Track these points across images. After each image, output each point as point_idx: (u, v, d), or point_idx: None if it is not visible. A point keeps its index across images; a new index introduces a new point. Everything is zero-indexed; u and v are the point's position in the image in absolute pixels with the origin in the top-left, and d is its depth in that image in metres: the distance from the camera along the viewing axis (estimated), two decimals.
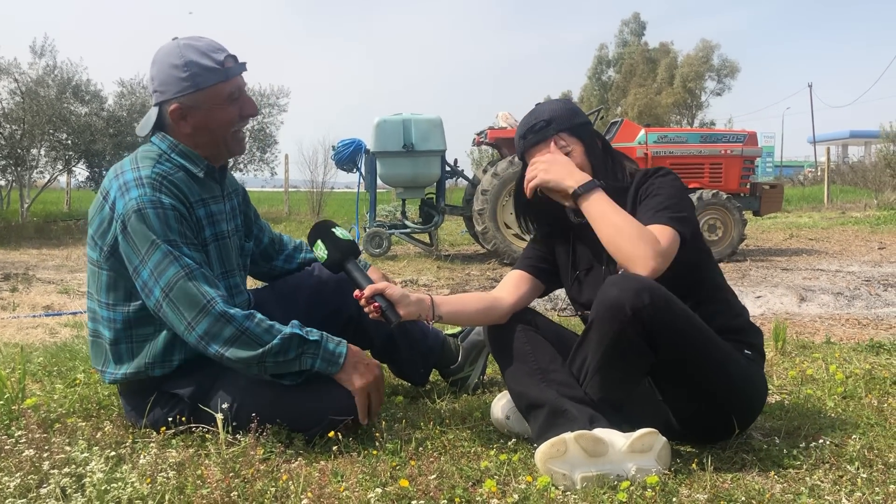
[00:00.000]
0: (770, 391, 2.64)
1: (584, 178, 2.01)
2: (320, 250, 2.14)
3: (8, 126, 13.59)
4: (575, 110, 2.16)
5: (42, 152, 14.32)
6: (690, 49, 54.27)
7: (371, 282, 2.05)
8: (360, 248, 8.03)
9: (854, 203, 17.56)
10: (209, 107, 2.07)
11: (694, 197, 7.75)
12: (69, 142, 14.08)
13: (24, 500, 1.59)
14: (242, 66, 2.14)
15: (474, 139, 8.63)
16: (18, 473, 1.69)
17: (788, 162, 52.19)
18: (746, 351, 2.04)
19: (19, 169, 13.79)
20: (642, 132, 8.28)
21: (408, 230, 8.10)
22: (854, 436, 2.08)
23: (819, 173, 30.73)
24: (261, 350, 1.91)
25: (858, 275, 6.59)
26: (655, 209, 1.98)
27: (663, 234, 1.91)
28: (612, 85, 58.49)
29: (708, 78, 52.90)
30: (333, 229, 2.17)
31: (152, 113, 2.12)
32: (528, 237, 2.38)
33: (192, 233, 2.04)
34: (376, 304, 1.98)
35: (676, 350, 1.86)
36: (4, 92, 13.72)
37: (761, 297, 5.59)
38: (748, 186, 8.40)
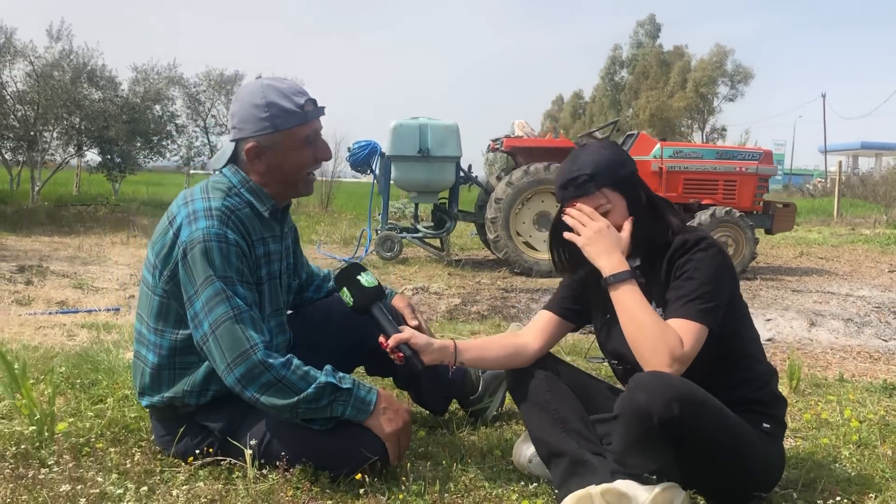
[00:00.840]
0: (787, 435, 2.67)
1: (620, 265, 1.96)
2: (346, 296, 2.19)
3: (21, 108, 13.65)
4: (620, 161, 2.06)
5: (55, 135, 14.40)
6: (704, 53, 54.12)
7: (396, 328, 2.11)
8: (372, 249, 8.06)
9: (864, 218, 17.53)
10: (285, 148, 2.10)
11: (707, 214, 7.75)
12: (82, 126, 14.14)
13: None
14: (321, 111, 2.15)
15: (489, 145, 8.64)
16: None
17: (798, 170, 52.07)
18: (765, 424, 2.01)
19: (31, 151, 13.85)
20: (658, 146, 8.28)
21: (419, 234, 8.12)
22: (870, 493, 2.11)
23: (829, 184, 30.67)
24: (295, 398, 1.94)
25: (868, 300, 6.60)
26: (687, 298, 1.91)
27: (688, 332, 1.87)
28: (624, 86, 58.40)
29: (721, 83, 52.80)
30: (359, 276, 2.20)
31: (227, 147, 2.15)
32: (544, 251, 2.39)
33: (250, 271, 2.06)
34: (400, 353, 2.05)
35: (700, 448, 1.86)
36: (20, 74, 13.80)
37: (771, 321, 5.61)
38: (761, 205, 8.40)
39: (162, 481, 1.95)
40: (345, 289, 2.20)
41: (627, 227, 2.02)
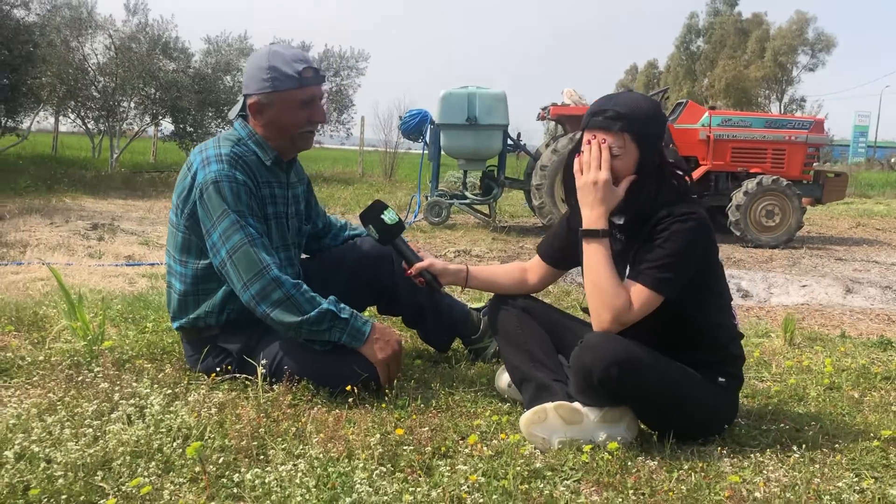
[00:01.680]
0: (763, 378, 2.87)
1: (598, 222, 2.08)
2: (372, 232, 2.53)
3: (102, 79, 14.40)
4: (654, 118, 2.12)
5: (132, 105, 15.13)
6: (784, 21, 52.23)
7: (418, 257, 2.48)
8: (421, 216, 8.38)
9: None
10: (281, 108, 2.43)
11: (753, 182, 7.78)
12: (157, 96, 14.83)
13: (98, 423, 1.99)
14: (320, 78, 2.48)
15: (539, 114, 8.81)
16: (95, 401, 2.10)
17: (883, 143, 50.00)
18: (720, 378, 2.16)
19: (111, 120, 14.63)
20: (706, 115, 8.30)
21: (467, 201, 8.39)
22: (816, 423, 2.31)
23: None
24: (300, 318, 2.27)
25: None
26: (649, 264, 2.05)
27: (639, 296, 2.04)
28: (700, 55, 56.93)
29: (801, 52, 50.95)
30: (383, 215, 2.51)
31: (240, 101, 2.51)
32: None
33: (258, 207, 2.40)
34: (422, 278, 2.44)
35: (641, 403, 2.09)
36: (100, 46, 14.55)
37: (806, 287, 5.65)
38: (811, 174, 8.36)
39: (187, 390, 2.31)
40: (371, 226, 2.53)
41: (624, 184, 2.11)
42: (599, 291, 2.06)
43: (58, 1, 14.68)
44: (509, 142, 8.31)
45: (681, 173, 2.20)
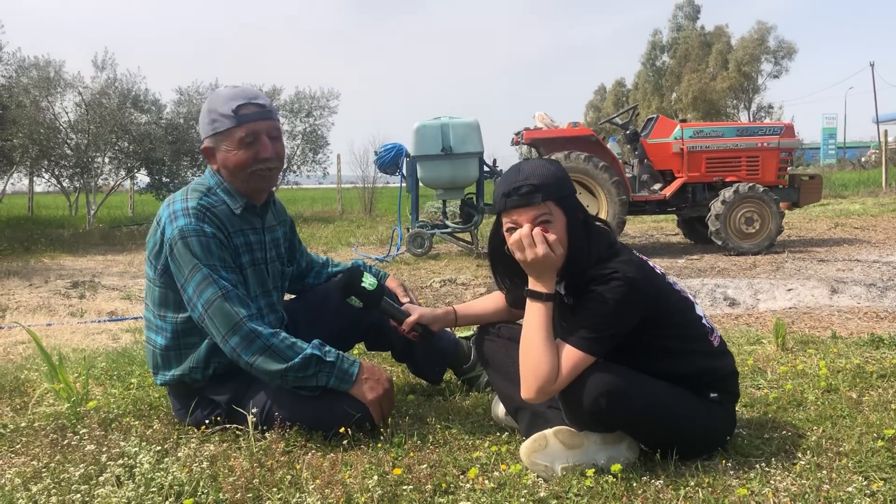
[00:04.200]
0: (760, 385, 2.84)
1: (548, 287, 2.05)
2: (356, 302, 2.50)
3: (74, 136, 14.35)
4: (564, 178, 2.09)
5: (106, 160, 15.07)
6: (746, 31, 53.16)
7: (404, 313, 2.49)
8: (404, 248, 8.35)
9: None
10: (225, 149, 2.38)
11: (730, 191, 7.83)
12: (131, 149, 14.78)
13: (86, 487, 1.92)
14: (266, 113, 2.39)
15: (513, 139, 8.85)
16: (82, 465, 2.04)
17: (853, 143, 50.71)
18: (713, 394, 2.12)
19: (86, 176, 14.54)
20: (678, 128, 8.37)
21: (449, 230, 8.37)
22: (818, 427, 2.29)
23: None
24: (285, 365, 2.22)
25: (895, 265, 6.62)
26: (578, 325, 2.02)
27: (568, 359, 2.00)
28: (666, 71, 57.69)
29: (764, 60, 51.77)
30: (362, 283, 2.48)
31: None
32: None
33: (231, 258, 2.36)
34: (415, 332, 2.48)
35: (634, 428, 2.06)
36: (70, 104, 14.52)
37: (792, 290, 5.66)
38: (786, 178, 8.43)
39: (177, 445, 2.25)
40: (353, 297, 2.50)
41: (561, 249, 2.04)
42: (530, 357, 2.03)
43: (25, 62, 14.67)
44: (486, 168, 8.33)
45: (599, 223, 2.17)
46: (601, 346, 2.01)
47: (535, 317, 2.06)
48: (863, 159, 33.75)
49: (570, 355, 2.00)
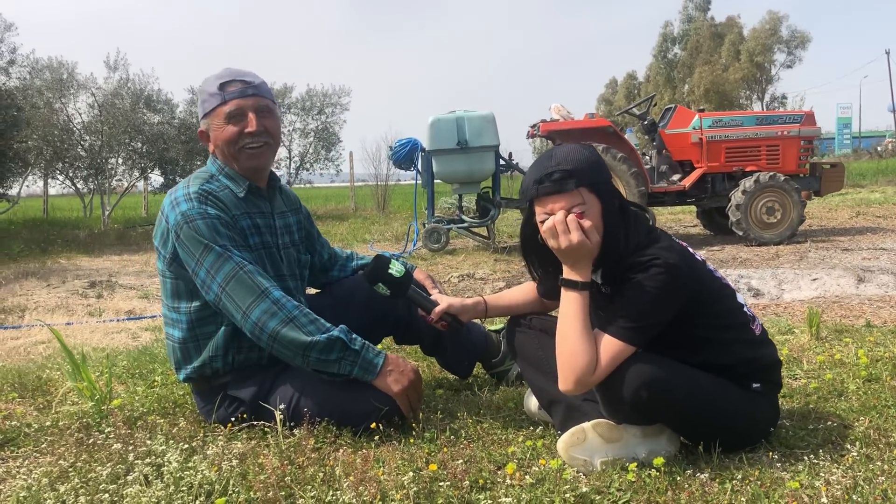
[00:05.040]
0: (797, 376, 2.77)
1: (584, 275, 1.98)
2: (383, 290, 2.46)
3: (88, 138, 14.38)
4: (599, 163, 2.01)
5: (120, 161, 15.10)
6: (757, 22, 52.72)
7: (432, 302, 2.44)
8: (420, 244, 8.29)
9: None
10: (215, 127, 2.38)
11: (751, 180, 7.72)
12: (144, 150, 14.80)
13: (114, 486, 1.87)
14: (248, 90, 2.36)
15: (528, 131, 8.77)
16: (109, 464, 1.99)
17: (868, 132, 50.25)
18: (755, 385, 2.06)
19: (100, 178, 14.57)
20: (697, 117, 8.27)
21: (465, 224, 8.31)
22: (864, 417, 2.21)
23: None
24: (309, 339, 2.15)
25: None
26: (618, 314, 1.95)
27: (607, 348, 1.92)
28: (678, 62, 57.35)
29: (777, 50, 51.37)
30: (390, 269, 2.45)
31: None
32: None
33: (240, 238, 2.31)
34: (444, 322, 2.43)
35: (675, 420, 1.99)
36: (84, 105, 14.55)
37: (817, 280, 5.57)
38: (807, 167, 8.31)
39: (204, 443, 2.19)
40: (380, 284, 2.46)
41: (597, 236, 1.97)
42: (566, 348, 1.96)
43: (38, 64, 14.71)
44: (502, 162, 8.26)
45: (636, 208, 2.10)
46: (641, 336, 1.94)
47: (571, 306, 1.99)
48: (879, 148, 33.41)
49: (609, 345, 1.93)
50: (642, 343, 1.95)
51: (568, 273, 2.01)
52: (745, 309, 2.11)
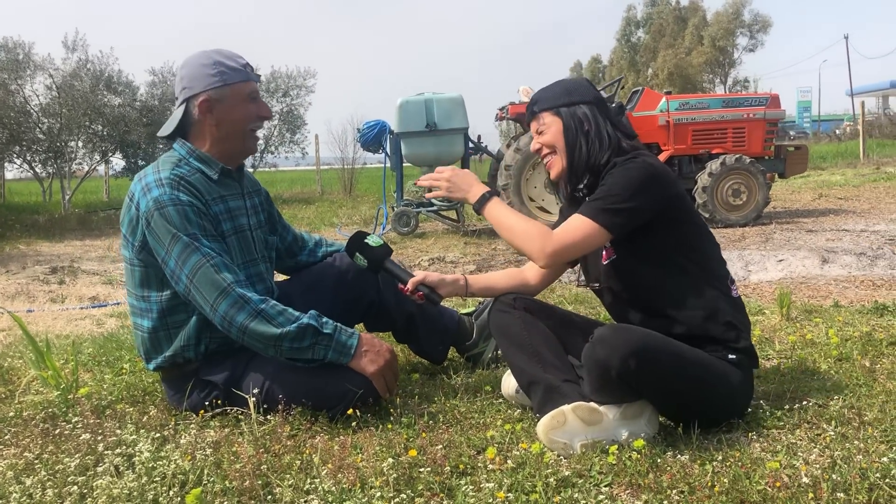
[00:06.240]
0: (769, 356, 2.79)
1: (481, 190, 2.23)
2: (360, 260, 2.45)
3: (46, 120, 14.00)
4: (568, 90, 2.23)
5: (80, 144, 14.74)
6: (720, 5, 53.23)
7: (410, 273, 2.40)
8: (389, 227, 8.24)
9: (891, 157, 17.29)
10: (232, 102, 2.31)
11: (717, 162, 7.79)
12: (105, 133, 14.47)
13: (83, 478, 1.81)
14: (258, 77, 2.40)
15: (497, 114, 8.73)
16: (77, 455, 1.93)
17: (827, 116, 51.14)
18: (731, 356, 2.09)
19: (59, 161, 14.22)
20: (664, 100, 8.30)
21: (434, 208, 8.27)
22: (838, 397, 2.23)
23: (859, 127, 30.14)
24: (279, 331, 2.12)
25: (883, 234, 6.62)
26: (593, 198, 2.09)
27: (574, 224, 2.06)
28: (641, 46, 57.67)
29: (739, 34, 51.89)
30: (366, 240, 2.45)
31: (177, 113, 2.34)
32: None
33: (211, 226, 2.25)
34: (420, 293, 2.35)
35: (661, 392, 2.00)
36: (41, 87, 14.15)
37: (783, 261, 5.64)
38: (772, 149, 8.40)
39: (176, 432, 2.14)
40: (357, 254, 2.45)
41: (560, 161, 2.21)
42: (515, 232, 2.16)
43: None
44: (470, 145, 8.22)
45: (622, 132, 2.23)
46: (611, 220, 2.04)
47: (494, 209, 2.20)
48: (838, 131, 34.00)
49: (575, 219, 2.07)
50: (612, 228, 2.05)
51: (472, 199, 2.24)
52: (727, 266, 2.21)
